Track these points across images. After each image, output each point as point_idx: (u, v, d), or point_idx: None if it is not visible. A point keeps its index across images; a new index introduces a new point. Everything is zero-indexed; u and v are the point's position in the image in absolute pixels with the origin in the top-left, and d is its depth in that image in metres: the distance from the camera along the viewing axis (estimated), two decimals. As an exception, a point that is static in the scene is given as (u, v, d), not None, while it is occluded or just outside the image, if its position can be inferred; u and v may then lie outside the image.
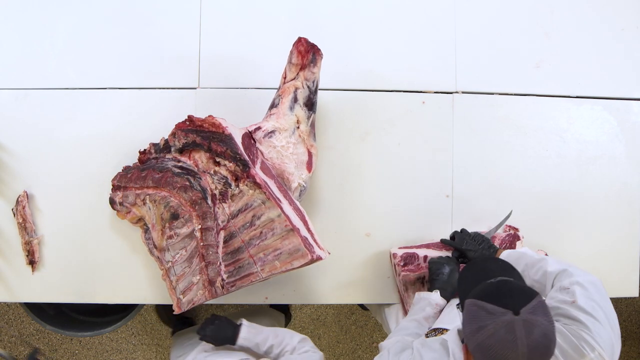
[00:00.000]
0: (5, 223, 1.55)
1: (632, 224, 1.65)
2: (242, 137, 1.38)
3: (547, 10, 1.67)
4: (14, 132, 1.56)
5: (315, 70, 1.41)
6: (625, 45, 1.68)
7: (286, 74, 1.42)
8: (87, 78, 1.58)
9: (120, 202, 1.47)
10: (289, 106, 1.42)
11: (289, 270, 1.34)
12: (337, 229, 1.58)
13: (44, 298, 1.57)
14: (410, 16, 1.64)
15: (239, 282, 1.37)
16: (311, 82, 1.42)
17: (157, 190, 1.40)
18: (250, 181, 1.32)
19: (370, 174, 1.59)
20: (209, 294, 1.38)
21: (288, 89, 1.41)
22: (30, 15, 1.59)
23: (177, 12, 1.60)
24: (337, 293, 1.59)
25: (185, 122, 1.39)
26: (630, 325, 2.70)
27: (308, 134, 1.45)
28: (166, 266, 1.42)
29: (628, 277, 1.65)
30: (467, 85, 1.63)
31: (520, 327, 0.83)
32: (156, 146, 1.46)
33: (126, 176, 1.46)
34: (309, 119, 1.44)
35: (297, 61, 1.39)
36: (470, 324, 0.89)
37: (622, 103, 1.67)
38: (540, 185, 1.63)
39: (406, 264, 1.48)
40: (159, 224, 1.41)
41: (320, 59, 1.40)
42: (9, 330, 2.52)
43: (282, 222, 1.32)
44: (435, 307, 1.29)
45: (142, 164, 1.47)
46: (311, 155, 1.46)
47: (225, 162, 1.34)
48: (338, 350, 2.61)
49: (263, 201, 1.32)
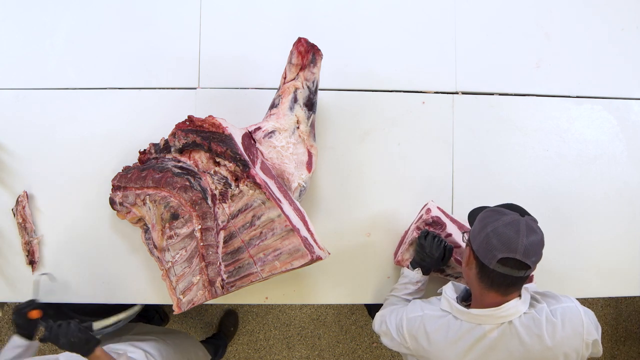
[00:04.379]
0: (5, 223, 1.55)
1: (633, 223, 1.65)
2: (242, 137, 1.37)
3: (547, 10, 1.67)
4: (14, 132, 1.56)
5: (315, 71, 1.41)
6: (625, 45, 1.68)
7: (286, 74, 1.42)
8: (87, 78, 1.58)
9: (120, 202, 1.47)
10: (289, 106, 1.41)
11: (289, 270, 1.34)
12: (337, 229, 1.58)
13: (44, 298, 1.57)
14: (410, 16, 1.64)
15: (238, 282, 1.37)
16: (311, 83, 1.42)
17: (157, 190, 1.40)
18: (250, 181, 1.32)
19: (370, 174, 1.59)
20: (209, 294, 1.38)
21: (288, 89, 1.41)
22: (30, 15, 1.59)
23: (177, 13, 1.60)
24: (337, 293, 1.59)
25: (185, 122, 1.39)
26: (630, 325, 2.70)
27: (308, 134, 1.45)
28: (166, 266, 1.42)
29: (629, 277, 1.65)
30: (467, 85, 1.63)
31: (524, 225, 1.09)
32: (156, 146, 1.46)
33: (126, 176, 1.46)
34: (308, 119, 1.44)
35: (297, 61, 1.39)
36: (484, 221, 1.13)
37: (622, 102, 1.67)
38: (540, 185, 1.63)
39: (431, 224, 1.47)
40: (159, 224, 1.41)
41: (320, 59, 1.40)
42: (9, 330, 2.52)
43: (282, 222, 1.32)
44: (416, 285, 1.44)
45: (142, 164, 1.47)
46: (311, 155, 1.46)
47: (226, 162, 1.34)
48: (338, 350, 2.61)
49: (263, 201, 1.32)
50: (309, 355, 2.61)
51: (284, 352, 2.60)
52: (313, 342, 2.61)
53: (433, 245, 1.41)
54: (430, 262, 1.42)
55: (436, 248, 1.41)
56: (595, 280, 1.63)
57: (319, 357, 2.61)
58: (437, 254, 1.41)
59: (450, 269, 1.50)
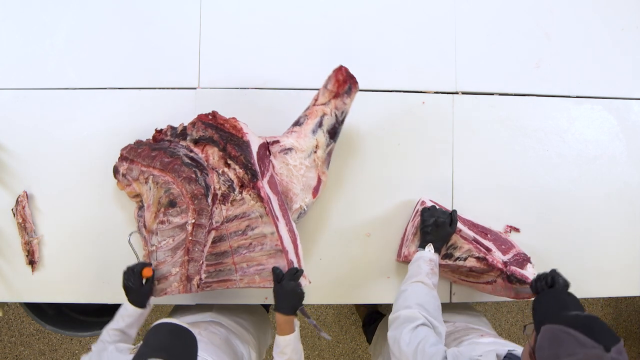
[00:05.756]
0: (5, 223, 1.55)
1: (633, 223, 1.65)
2: (259, 147, 1.38)
3: (547, 10, 1.67)
4: (14, 132, 1.56)
5: (347, 102, 1.41)
6: (625, 45, 1.68)
7: (318, 97, 1.42)
8: (87, 78, 1.58)
9: (123, 174, 1.46)
10: (312, 129, 1.42)
11: (266, 288, 1.36)
12: (337, 229, 1.58)
13: (44, 298, 1.57)
14: (410, 16, 1.64)
15: (215, 284, 1.37)
16: (340, 112, 1.42)
17: (163, 173, 1.39)
18: (254, 192, 1.32)
19: (370, 174, 1.59)
20: (183, 288, 1.38)
21: (316, 112, 1.42)
22: (30, 15, 1.59)
23: (177, 12, 1.60)
24: (337, 293, 1.59)
25: (208, 115, 1.39)
26: (630, 325, 2.71)
27: (323, 160, 1.45)
28: (150, 249, 1.42)
29: (629, 277, 1.65)
30: (467, 85, 1.63)
31: None
32: (173, 130, 1.45)
33: (136, 150, 1.45)
34: (328, 146, 1.44)
35: (332, 88, 1.40)
36: (555, 348, 0.90)
37: (622, 102, 1.67)
38: (540, 185, 1.63)
39: None
40: (154, 206, 1.40)
41: (355, 92, 1.41)
42: (9, 330, 2.52)
43: (274, 241, 1.33)
44: (429, 263, 1.35)
45: (155, 142, 1.47)
46: (320, 182, 1.46)
47: (236, 166, 1.34)
48: (338, 351, 2.61)
49: (261, 215, 1.33)
50: (309, 355, 2.61)
51: (284, 352, 2.60)
52: (313, 342, 2.61)
53: (437, 212, 1.41)
54: (440, 233, 1.40)
55: (441, 213, 1.41)
56: (595, 280, 1.63)
57: (319, 357, 2.61)
58: (444, 217, 1.40)
59: (457, 250, 1.47)
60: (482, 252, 1.44)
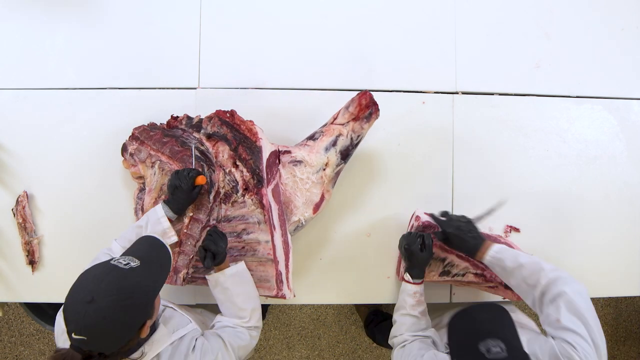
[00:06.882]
0: (5, 223, 1.55)
1: (633, 223, 1.65)
2: (270, 154, 1.38)
3: (547, 10, 1.67)
4: (14, 132, 1.56)
5: (365, 127, 1.43)
6: (625, 45, 1.68)
7: (338, 116, 1.44)
8: (87, 78, 1.58)
9: (131, 153, 1.46)
10: (326, 147, 1.42)
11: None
12: (337, 228, 1.58)
13: (44, 298, 1.57)
14: (410, 16, 1.64)
15: (201, 280, 1.38)
16: (356, 136, 1.44)
17: (171, 161, 1.40)
18: (257, 198, 1.32)
19: (371, 174, 1.59)
20: (169, 279, 1.38)
21: (332, 131, 1.43)
22: (30, 16, 1.59)
23: (177, 12, 1.60)
24: (337, 293, 1.59)
25: (226, 112, 1.39)
26: (630, 325, 2.70)
27: (330, 179, 1.46)
28: None
29: (629, 276, 1.65)
30: (467, 85, 1.63)
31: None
32: (189, 120, 1.46)
33: (148, 132, 1.46)
34: (337, 166, 1.45)
35: (353, 110, 1.42)
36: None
37: (622, 102, 1.67)
38: (540, 185, 1.62)
39: (424, 229, 1.45)
40: (155, 192, 1.41)
41: (375, 119, 1.43)
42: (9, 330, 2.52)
43: (267, 249, 1.33)
44: (414, 296, 1.39)
45: (169, 128, 1.47)
46: (323, 199, 1.46)
47: (244, 169, 1.34)
48: (338, 350, 2.61)
49: (259, 221, 1.33)
50: (309, 355, 2.61)
51: (284, 352, 2.60)
52: (313, 342, 2.61)
53: (410, 239, 1.39)
54: (413, 261, 1.38)
55: (412, 241, 1.38)
56: (595, 280, 1.62)
57: (319, 357, 2.61)
58: (414, 245, 1.37)
59: (455, 268, 1.47)
60: (480, 269, 1.44)
